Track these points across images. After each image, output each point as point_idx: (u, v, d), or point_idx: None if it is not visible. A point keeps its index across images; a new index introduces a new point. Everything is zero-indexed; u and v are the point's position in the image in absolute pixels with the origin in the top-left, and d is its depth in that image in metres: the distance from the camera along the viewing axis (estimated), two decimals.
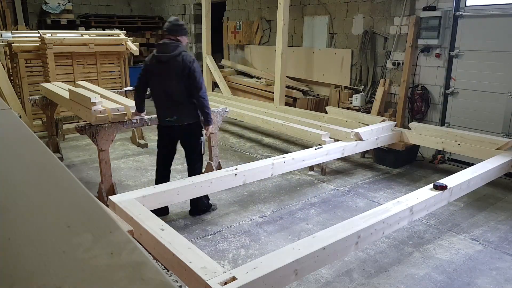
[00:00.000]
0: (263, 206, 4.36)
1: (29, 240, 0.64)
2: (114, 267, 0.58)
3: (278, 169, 4.28)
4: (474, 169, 4.10)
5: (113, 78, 7.47)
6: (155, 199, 3.34)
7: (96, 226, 0.69)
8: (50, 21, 10.77)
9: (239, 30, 9.37)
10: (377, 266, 3.25)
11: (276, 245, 3.51)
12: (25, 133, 1.19)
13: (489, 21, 5.23)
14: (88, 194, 0.81)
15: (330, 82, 7.50)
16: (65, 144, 6.53)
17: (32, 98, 5.62)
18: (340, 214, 4.17)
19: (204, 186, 3.65)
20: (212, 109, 4.97)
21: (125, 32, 7.95)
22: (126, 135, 6.94)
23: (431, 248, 3.53)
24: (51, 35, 6.77)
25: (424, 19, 5.78)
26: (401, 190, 4.80)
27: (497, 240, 3.66)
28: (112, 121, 4.02)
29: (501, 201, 4.55)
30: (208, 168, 4.91)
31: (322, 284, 3.01)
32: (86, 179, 5.06)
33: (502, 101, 5.21)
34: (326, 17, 7.42)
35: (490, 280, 3.07)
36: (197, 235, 3.73)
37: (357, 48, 6.92)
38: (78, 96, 4.32)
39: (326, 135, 5.28)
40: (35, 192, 0.82)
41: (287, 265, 2.35)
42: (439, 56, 5.76)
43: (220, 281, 2.13)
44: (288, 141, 6.94)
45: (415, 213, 3.28)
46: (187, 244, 2.51)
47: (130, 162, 5.77)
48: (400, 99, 6.17)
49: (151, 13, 13.13)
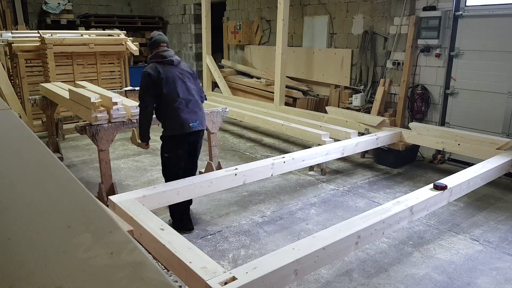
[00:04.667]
0: (263, 206, 4.36)
1: (29, 240, 0.64)
2: (114, 267, 0.58)
3: (278, 169, 4.28)
4: (474, 169, 4.10)
5: (113, 78, 7.48)
6: (155, 199, 3.34)
7: (96, 226, 0.69)
8: (50, 21, 10.77)
9: (239, 30, 9.37)
10: (377, 266, 3.25)
11: (276, 245, 3.51)
12: (25, 133, 1.19)
13: (489, 21, 5.23)
14: (88, 194, 0.81)
15: (330, 82, 7.50)
16: (65, 144, 6.53)
17: (32, 98, 5.62)
18: (340, 214, 4.17)
19: (204, 186, 3.64)
20: (212, 109, 4.99)
21: (125, 32, 7.96)
22: (126, 135, 6.94)
23: (431, 248, 3.53)
24: (51, 35, 6.77)
25: (424, 19, 5.78)
26: (401, 190, 4.80)
27: (497, 240, 3.66)
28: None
29: (501, 201, 4.55)
30: (208, 168, 4.92)
31: (322, 284, 3.01)
32: (86, 179, 5.06)
33: (502, 101, 5.21)
34: (326, 17, 7.41)
35: (490, 280, 3.07)
36: (197, 235, 3.73)
37: (357, 48, 6.92)
38: (78, 96, 4.32)
39: (326, 135, 5.28)
40: (35, 192, 0.82)
41: (287, 265, 2.35)
42: (439, 56, 5.76)
43: (220, 281, 2.13)
44: (288, 141, 6.94)
45: (415, 213, 3.28)
46: (187, 244, 2.51)
47: (130, 162, 5.77)
48: (400, 99, 6.16)
49: (151, 13, 13.13)
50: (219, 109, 4.95)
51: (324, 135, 5.26)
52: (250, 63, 9.50)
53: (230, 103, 7.67)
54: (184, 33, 11.86)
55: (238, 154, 6.19)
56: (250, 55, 9.46)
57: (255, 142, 6.95)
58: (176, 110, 3.57)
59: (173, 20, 12.34)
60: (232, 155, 6.13)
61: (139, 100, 3.64)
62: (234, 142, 6.91)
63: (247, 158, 5.89)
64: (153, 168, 5.49)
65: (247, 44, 9.44)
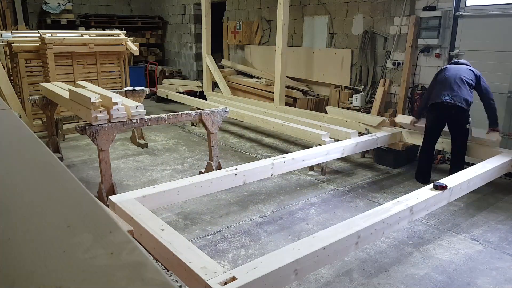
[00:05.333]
0: (263, 206, 4.36)
1: (29, 240, 0.64)
2: (114, 267, 0.58)
3: (278, 169, 4.28)
4: (474, 169, 4.10)
5: (113, 78, 7.48)
6: (155, 199, 3.34)
7: (96, 226, 0.69)
8: (50, 21, 10.78)
9: (239, 30, 9.37)
10: (377, 266, 3.25)
11: (276, 245, 3.51)
12: (25, 133, 1.19)
13: (489, 21, 5.23)
14: (88, 194, 0.81)
15: (330, 82, 7.50)
16: (65, 144, 6.53)
17: (32, 98, 5.62)
18: (340, 214, 4.17)
19: (204, 186, 3.65)
20: (212, 109, 4.99)
21: (125, 32, 7.95)
22: (126, 135, 6.94)
23: (431, 248, 3.53)
24: (51, 35, 6.77)
25: (424, 19, 5.78)
26: (401, 190, 4.80)
27: (497, 240, 3.66)
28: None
29: (501, 201, 4.55)
30: (208, 168, 4.92)
31: (322, 284, 3.01)
32: (86, 179, 5.06)
33: (502, 101, 5.21)
34: (326, 17, 7.42)
35: (490, 280, 3.07)
36: (197, 235, 3.73)
37: (357, 48, 6.92)
38: (78, 96, 4.32)
39: (326, 135, 5.28)
40: (35, 192, 0.82)
41: (287, 265, 2.35)
42: (439, 56, 5.76)
43: (220, 281, 2.13)
44: (288, 141, 6.94)
45: (415, 213, 3.28)
46: (187, 244, 2.51)
47: (130, 162, 5.77)
48: (400, 99, 6.17)
49: (151, 13, 13.14)
50: (219, 109, 4.95)
51: (324, 135, 5.26)
52: (250, 63, 9.50)
53: (230, 103, 7.67)
54: (184, 33, 11.87)
55: (238, 154, 6.20)
56: (250, 55, 9.46)
57: (255, 142, 6.95)
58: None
59: (173, 20, 12.35)
60: (232, 155, 6.13)
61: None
62: (234, 142, 6.91)
63: (247, 158, 5.89)
64: (153, 168, 5.49)
65: (247, 44, 9.44)
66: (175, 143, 6.72)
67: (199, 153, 6.20)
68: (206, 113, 4.81)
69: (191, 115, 4.77)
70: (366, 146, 5.24)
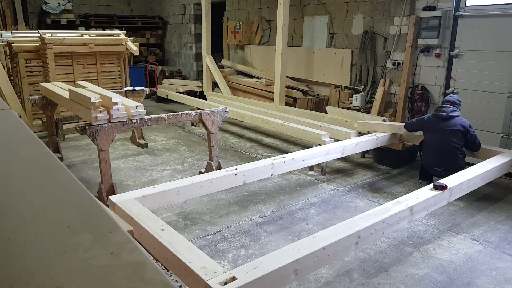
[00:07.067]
0: (263, 206, 4.36)
1: (29, 240, 0.64)
2: (114, 267, 0.58)
3: (278, 169, 4.28)
4: (474, 169, 4.10)
5: (113, 78, 7.47)
6: (155, 199, 3.34)
7: (96, 226, 0.69)
8: (50, 21, 10.78)
9: (239, 30, 9.37)
10: (377, 266, 3.25)
11: (276, 245, 3.51)
12: (25, 133, 1.19)
13: (489, 21, 5.23)
14: (88, 194, 0.81)
15: (330, 82, 7.50)
16: (65, 144, 6.53)
17: (32, 98, 5.62)
18: (340, 214, 4.17)
19: (204, 186, 3.64)
20: (212, 109, 4.99)
21: (125, 32, 7.95)
22: (126, 135, 6.94)
23: (431, 248, 3.53)
24: (51, 35, 6.77)
25: (424, 19, 5.78)
26: (401, 190, 4.80)
27: (497, 240, 3.66)
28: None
29: (501, 201, 4.55)
30: (208, 168, 4.92)
31: (322, 284, 3.01)
32: (86, 179, 5.06)
33: (502, 101, 5.21)
34: (326, 17, 7.42)
35: (490, 280, 3.07)
36: (197, 235, 3.73)
37: (357, 48, 6.92)
38: (78, 96, 4.32)
39: (326, 135, 5.28)
40: (35, 192, 0.82)
41: (287, 265, 2.35)
42: (439, 56, 5.76)
43: (220, 281, 2.13)
44: (288, 141, 6.94)
45: (415, 213, 3.28)
46: (187, 244, 2.51)
47: (130, 162, 5.77)
48: (400, 99, 6.17)
49: (151, 13, 13.14)
50: (219, 109, 4.95)
51: (324, 135, 5.26)
52: (250, 63, 9.50)
53: (230, 103, 7.67)
54: (184, 33, 11.87)
55: (238, 154, 6.20)
56: (250, 55, 9.46)
57: (255, 142, 6.95)
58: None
59: (173, 20, 12.35)
60: (232, 155, 6.13)
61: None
62: (234, 142, 6.91)
63: (247, 158, 5.89)
64: (153, 168, 5.49)
65: (247, 44, 9.44)
66: (175, 143, 6.72)
67: (199, 153, 6.20)
68: (206, 113, 4.81)
69: (191, 115, 4.77)
70: (366, 146, 5.23)
